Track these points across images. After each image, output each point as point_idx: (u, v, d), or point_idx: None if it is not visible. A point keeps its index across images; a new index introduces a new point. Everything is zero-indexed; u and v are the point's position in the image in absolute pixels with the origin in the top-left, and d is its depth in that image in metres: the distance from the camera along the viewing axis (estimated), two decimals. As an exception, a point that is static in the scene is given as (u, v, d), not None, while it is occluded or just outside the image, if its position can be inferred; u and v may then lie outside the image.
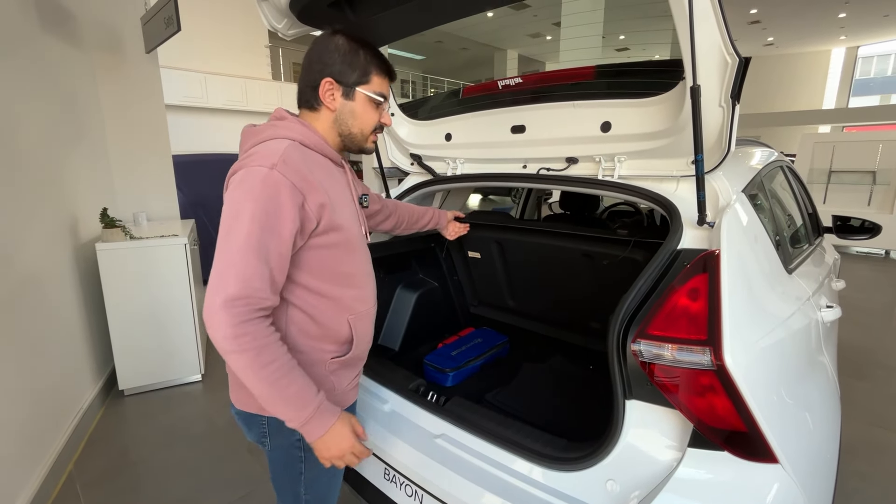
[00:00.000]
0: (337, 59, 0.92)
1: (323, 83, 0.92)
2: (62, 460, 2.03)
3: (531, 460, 1.04)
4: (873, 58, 17.59)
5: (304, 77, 0.95)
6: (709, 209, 1.03)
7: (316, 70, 0.93)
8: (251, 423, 0.98)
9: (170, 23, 2.60)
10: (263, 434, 0.97)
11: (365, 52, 0.94)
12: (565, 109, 1.33)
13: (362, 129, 0.98)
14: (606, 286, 1.66)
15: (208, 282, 0.79)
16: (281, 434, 0.96)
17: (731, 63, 0.92)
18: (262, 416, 0.95)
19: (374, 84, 0.96)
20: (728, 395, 0.83)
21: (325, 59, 0.92)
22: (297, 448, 0.98)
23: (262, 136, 0.88)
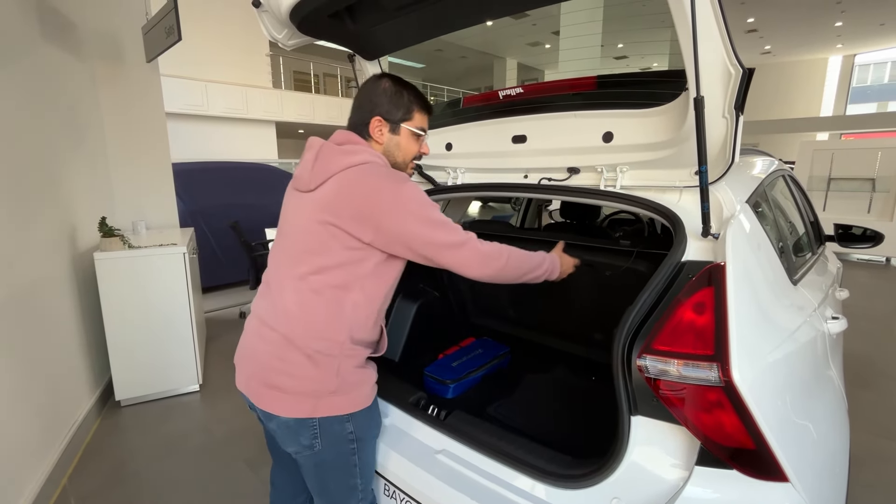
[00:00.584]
0: (385, 100, 1.07)
1: (373, 121, 1.07)
2: (57, 473, 1.99)
3: (535, 477, 1.01)
4: (870, 66, 17.72)
5: (356, 114, 1.09)
6: (713, 220, 1.02)
7: (367, 109, 1.08)
8: (300, 429, 1.00)
9: (170, 32, 2.61)
10: (314, 436, 1.01)
11: (408, 93, 1.09)
12: (566, 119, 1.32)
13: (405, 159, 1.14)
14: (608, 296, 1.64)
15: (455, 259, 1.00)
16: (332, 430, 1.01)
17: (735, 74, 0.91)
18: (312, 419, 1.00)
19: (416, 120, 1.11)
20: (736, 412, 0.81)
21: (374, 100, 1.07)
22: (350, 440, 1.04)
23: (359, 157, 1.01)
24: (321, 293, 0.99)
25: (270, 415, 1.01)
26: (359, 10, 1.24)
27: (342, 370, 1.01)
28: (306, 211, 1.01)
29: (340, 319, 1.00)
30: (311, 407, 0.99)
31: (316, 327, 0.99)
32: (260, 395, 1.02)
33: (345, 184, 0.98)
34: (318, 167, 1.01)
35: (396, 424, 1.27)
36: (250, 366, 1.05)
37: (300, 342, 0.98)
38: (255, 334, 1.06)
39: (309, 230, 1.00)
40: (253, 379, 1.04)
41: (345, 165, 0.99)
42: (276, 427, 1.03)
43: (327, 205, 0.98)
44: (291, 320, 0.99)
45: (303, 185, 1.04)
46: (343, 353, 1.01)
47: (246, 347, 1.08)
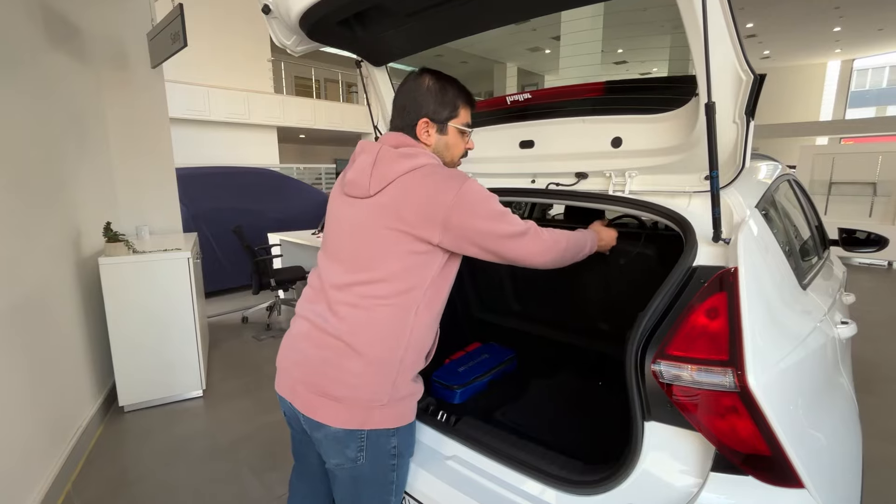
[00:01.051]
0: (430, 99, 1.03)
1: (420, 123, 1.04)
2: (60, 480, 1.98)
3: (547, 483, 1.01)
4: (868, 70, 17.78)
5: (400, 117, 1.06)
6: (723, 225, 1.02)
7: (411, 111, 1.04)
8: (350, 440, 0.98)
9: (176, 38, 2.62)
10: (360, 448, 0.98)
11: (452, 88, 1.05)
12: (574, 125, 1.32)
13: (452, 158, 1.12)
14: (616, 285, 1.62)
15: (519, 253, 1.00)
16: (378, 444, 1.00)
17: (746, 80, 0.92)
18: (362, 430, 0.97)
19: (462, 116, 1.08)
20: (751, 418, 0.80)
21: (419, 100, 1.03)
22: (392, 455, 1.02)
23: (418, 160, 0.99)
24: (387, 299, 0.96)
25: (319, 424, 0.98)
26: (368, 17, 1.24)
27: (398, 381, 0.99)
28: (367, 217, 0.99)
29: (404, 325, 0.98)
30: (362, 418, 0.97)
31: (381, 334, 0.97)
32: (310, 404, 0.99)
33: (409, 187, 0.96)
34: (377, 172, 0.98)
35: (405, 430, 1.27)
36: (299, 371, 1.01)
37: (363, 349, 0.96)
38: (307, 339, 1.02)
39: (372, 237, 0.97)
40: (301, 385, 1.00)
41: (406, 169, 0.97)
42: (323, 437, 0.99)
43: (393, 210, 0.96)
44: (355, 327, 0.96)
45: (359, 191, 1.01)
46: (403, 362, 0.99)
47: (296, 351, 1.04)
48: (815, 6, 9.97)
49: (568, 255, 1.08)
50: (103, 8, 3.08)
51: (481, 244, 0.97)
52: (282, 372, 1.07)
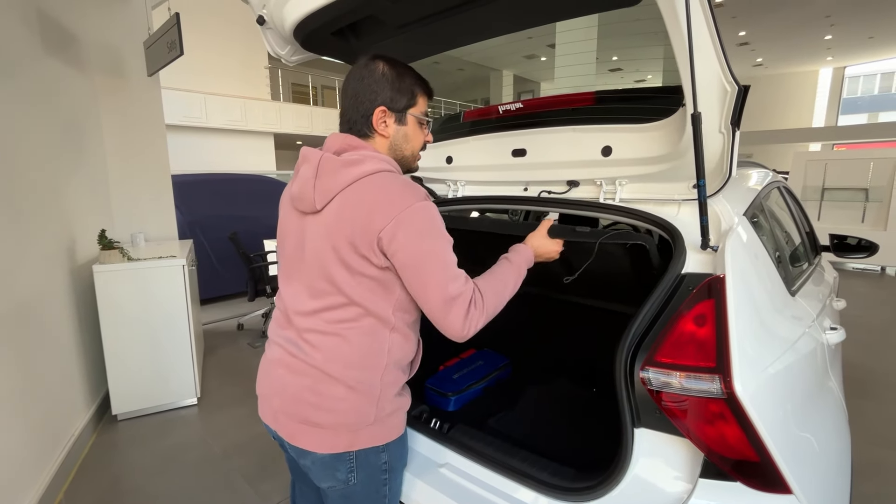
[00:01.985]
0: (386, 86, 0.94)
1: (376, 112, 0.94)
2: (52, 490, 1.97)
3: (538, 490, 1.01)
4: (860, 78, 18.01)
5: (353, 107, 0.95)
6: (711, 233, 1.04)
7: (366, 99, 0.94)
8: (338, 463, 0.94)
9: (172, 47, 2.64)
10: (351, 469, 0.95)
11: (408, 75, 0.97)
12: (566, 134, 1.34)
13: (413, 151, 1.03)
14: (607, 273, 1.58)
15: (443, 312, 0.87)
16: (368, 462, 0.97)
17: (731, 91, 0.94)
18: (349, 452, 0.94)
19: (420, 105, 1.00)
20: (739, 424, 0.81)
21: (374, 88, 0.93)
22: (384, 470, 1.00)
23: (365, 166, 0.89)
24: (356, 321, 0.91)
25: (305, 452, 0.94)
26: (361, 27, 1.27)
27: (382, 399, 0.95)
28: (317, 236, 0.91)
29: (381, 345, 0.93)
30: (349, 440, 0.93)
31: (356, 357, 0.92)
32: (292, 432, 0.95)
33: (353, 202, 0.86)
34: (320, 185, 0.89)
35: (399, 438, 1.27)
36: (279, 400, 0.96)
37: (339, 374, 0.91)
38: (282, 365, 0.97)
39: (326, 258, 0.89)
40: (282, 414, 0.96)
41: (350, 180, 0.87)
42: (311, 464, 0.96)
43: (337, 229, 0.87)
44: (327, 352, 0.91)
45: (306, 206, 0.92)
46: (385, 381, 0.95)
47: (273, 379, 0.99)
48: (806, 15, 10.12)
49: (491, 312, 0.93)
50: (100, 16, 3.10)
51: (411, 275, 0.87)
52: (262, 400, 1.02)
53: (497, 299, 0.94)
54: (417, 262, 0.86)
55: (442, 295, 0.85)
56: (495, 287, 0.95)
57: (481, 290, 0.92)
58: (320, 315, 0.92)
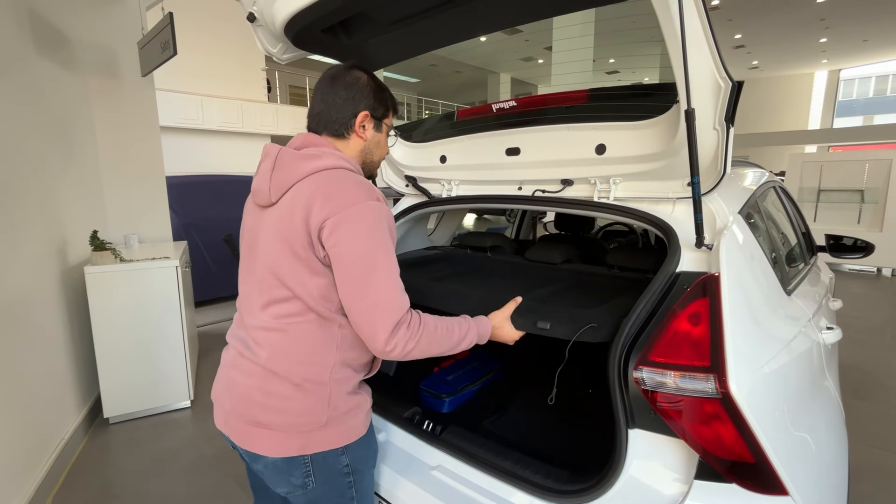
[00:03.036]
0: (370, 94, 0.99)
1: (360, 116, 0.98)
2: (41, 494, 1.94)
3: (531, 493, 0.99)
4: (855, 80, 18.14)
5: (334, 108, 0.97)
6: (706, 231, 1.02)
7: (351, 103, 0.97)
8: (291, 468, 0.91)
9: (166, 47, 2.62)
10: (307, 474, 0.92)
11: (385, 89, 1.03)
12: (559, 132, 1.33)
13: (380, 157, 1.08)
14: None
15: (370, 316, 0.84)
16: (326, 465, 0.93)
17: (725, 87, 0.93)
18: (303, 456, 0.91)
19: (390, 118, 1.07)
20: (734, 424, 0.80)
21: (360, 94, 0.98)
22: (346, 473, 0.96)
23: (323, 161, 0.91)
24: (303, 315, 0.90)
25: (256, 455, 0.92)
26: (353, 24, 1.25)
27: (333, 398, 0.92)
28: (270, 228, 0.91)
29: (328, 341, 0.91)
30: (301, 443, 0.90)
31: (301, 353, 0.90)
32: (243, 435, 0.92)
33: (306, 192, 0.86)
34: (276, 177, 0.90)
35: (391, 440, 1.25)
36: (230, 402, 0.95)
37: (284, 371, 0.89)
38: (233, 367, 0.96)
39: (276, 251, 0.89)
40: (233, 416, 0.94)
41: (306, 172, 0.88)
42: (264, 468, 0.93)
43: (288, 219, 0.87)
44: (272, 349, 0.90)
45: (262, 199, 0.93)
46: (333, 378, 0.92)
47: (223, 382, 0.98)
48: (802, 18, 10.19)
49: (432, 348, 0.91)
50: (93, 16, 3.08)
51: (344, 278, 0.85)
52: (216, 404, 1.00)
53: (434, 340, 0.90)
54: (355, 260, 0.84)
55: (374, 300, 0.84)
56: (438, 327, 0.92)
57: (423, 319, 0.90)
58: (267, 310, 0.92)
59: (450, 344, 0.95)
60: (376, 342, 0.84)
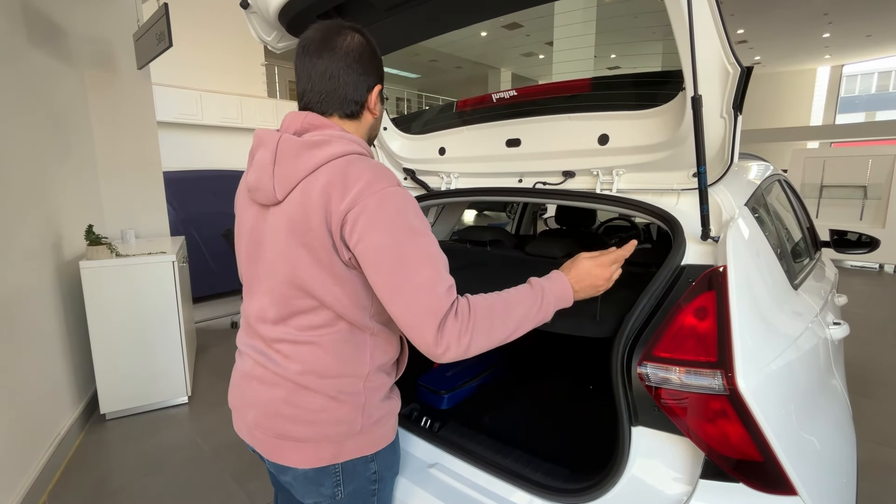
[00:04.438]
0: (377, 63, 0.87)
1: (376, 91, 0.87)
2: (36, 491, 1.92)
3: (531, 492, 0.97)
4: (857, 76, 18.03)
5: (351, 85, 0.83)
6: (712, 223, 0.99)
7: (366, 78, 0.84)
8: (323, 478, 0.86)
9: (161, 38, 2.58)
10: (337, 483, 0.87)
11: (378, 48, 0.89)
12: (561, 122, 1.30)
13: (379, 129, 0.98)
14: None
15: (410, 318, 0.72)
16: (355, 473, 0.88)
17: (733, 73, 0.89)
18: (334, 465, 0.85)
19: None
20: (741, 422, 0.77)
21: (371, 64, 0.85)
22: (373, 481, 0.91)
23: (332, 148, 0.78)
24: (333, 326, 0.81)
25: (284, 468, 0.86)
26: (348, 10, 1.22)
27: (368, 406, 0.86)
28: (280, 231, 0.79)
29: (362, 350, 0.84)
30: (334, 452, 0.84)
31: (337, 366, 0.82)
32: (270, 448, 0.86)
33: (319, 187, 0.75)
34: (280, 173, 0.78)
35: (388, 437, 1.23)
36: (253, 414, 0.88)
37: (320, 386, 0.82)
38: (253, 377, 0.88)
39: (295, 258, 0.78)
40: (258, 429, 0.87)
41: (314, 166, 0.76)
42: (293, 480, 0.87)
43: (303, 222, 0.76)
44: (305, 366, 0.82)
45: (265, 198, 0.81)
46: (368, 386, 0.86)
47: (242, 391, 0.91)
48: (805, 13, 10.10)
49: (495, 332, 0.77)
50: (88, 8, 3.04)
51: (378, 274, 0.73)
52: (236, 413, 0.94)
53: (493, 323, 0.76)
54: (380, 256, 0.72)
55: (409, 299, 0.72)
56: (493, 306, 0.78)
57: (471, 303, 0.76)
58: (290, 322, 0.83)
59: (516, 320, 0.79)
60: (427, 346, 0.72)
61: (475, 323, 0.74)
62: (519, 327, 0.80)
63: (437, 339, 0.71)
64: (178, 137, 8.34)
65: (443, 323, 0.71)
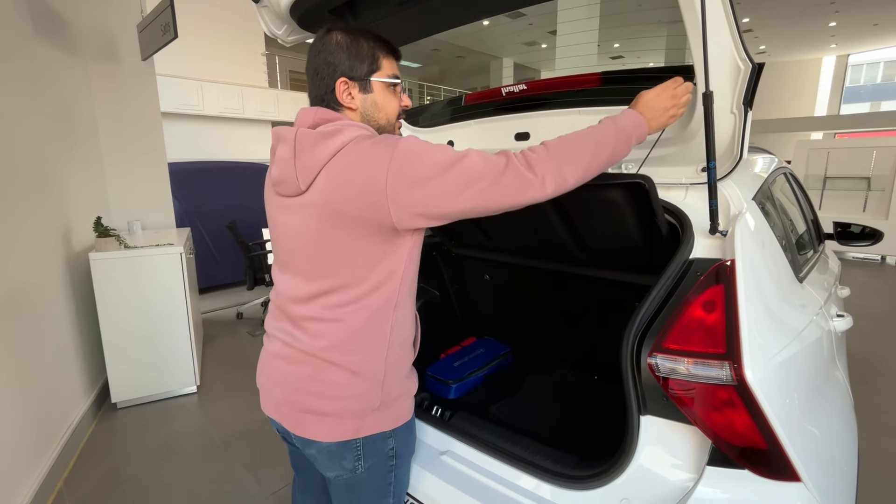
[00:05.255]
0: (342, 55, 0.88)
1: (338, 85, 0.88)
2: (52, 477, 1.96)
3: (542, 478, 1.00)
4: (863, 66, 17.85)
5: (317, 85, 0.90)
6: (720, 217, 1.01)
7: (326, 74, 0.88)
8: (344, 452, 0.92)
9: (166, 30, 2.58)
10: (358, 457, 0.92)
11: (365, 39, 0.90)
12: (570, 116, 1.30)
13: (388, 119, 0.96)
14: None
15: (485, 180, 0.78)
16: (375, 449, 0.94)
17: (744, 69, 0.90)
18: (355, 440, 0.91)
19: (385, 68, 0.92)
20: (748, 412, 0.80)
21: (330, 60, 0.88)
22: (390, 457, 0.97)
23: (343, 136, 0.82)
24: (358, 303, 0.86)
25: (310, 441, 0.92)
26: (360, 4, 1.22)
27: (387, 382, 0.92)
28: (307, 221, 0.85)
29: (384, 324, 0.89)
30: (355, 427, 0.90)
31: (360, 341, 0.88)
32: (295, 422, 0.92)
33: (338, 174, 0.80)
34: (301, 164, 0.83)
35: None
36: (280, 391, 0.94)
37: (343, 361, 0.88)
38: (280, 357, 0.94)
39: (321, 243, 0.84)
40: (284, 405, 0.93)
41: (331, 153, 0.81)
42: (317, 453, 0.93)
43: (328, 207, 0.81)
44: (330, 342, 0.88)
45: (290, 189, 0.86)
46: (389, 362, 0.92)
47: (272, 370, 0.97)
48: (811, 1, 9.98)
49: (581, 167, 0.82)
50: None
51: (444, 209, 0.79)
52: (264, 392, 1.00)
53: (565, 147, 0.82)
54: (435, 184, 0.77)
55: (475, 179, 0.77)
56: (562, 137, 0.84)
57: (537, 145, 0.83)
58: (317, 301, 0.88)
59: (594, 142, 0.84)
60: (528, 199, 0.79)
61: (549, 151, 0.81)
62: (599, 151, 0.85)
63: (522, 180, 0.78)
64: (179, 128, 8.32)
65: (509, 163, 0.79)
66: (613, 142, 0.86)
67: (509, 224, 1.55)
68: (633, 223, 1.18)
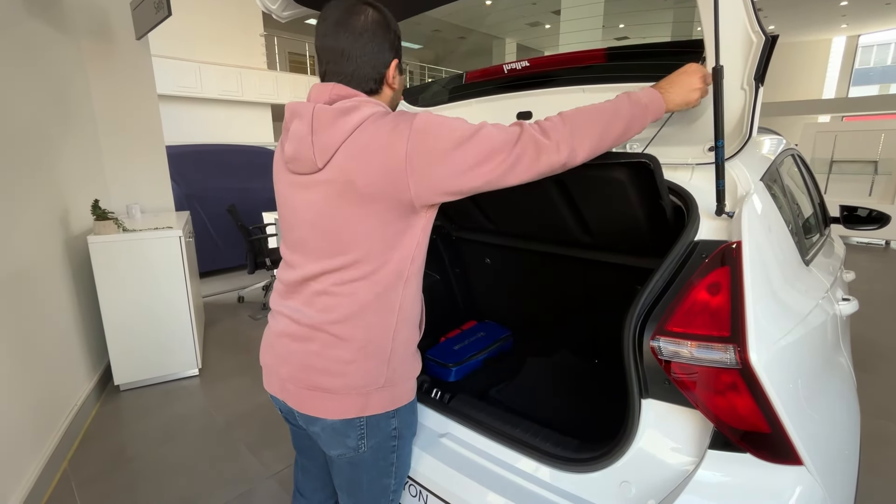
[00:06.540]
0: (392, 36, 0.88)
1: (392, 66, 0.89)
2: (56, 458, 1.99)
3: (541, 461, 1.00)
4: (873, 47, 17.46)
5: (368, 64, 0.86)
6: (727, 198, 0.98)
7: (381, 54, 0.87)
8: (349, 430, 0.92)
9: (160, 7, 2.51)
10: (361, 436, 0.93)
11: (389, 15, 0.90)
12: (574, 94, 1.27)
13: (399, 97, 0.99)
14: None
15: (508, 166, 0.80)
16: (378, 428, 0.94)
17: (757, 42, 0.86)
18: (359, 418, 0.92)
19: None
20: (752, 395, 0.78)
21: (385, 39, 0.87)
22: (393, 437, 0.97)
23: (360, 113, 0.82)
24: (368, 279, 0.86)
25: (315, 419, 0.92)
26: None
27: (394, 361, 0.92)
28: (324, 199, 0.84)
29: (393, 301, 0.89)
30: (360, 405, 0.90)
31: (368, 317, 0.88)
32: (301, 399, 0.92)
33: (358, 150, 0.80)
34: (319, 141, 0.82)
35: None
36: (286, 369, 0.94)
37: (350, 336, 0.88)
38: (287, 335, 0.94)
39: (337, 222, 0.84)
40: (290, 382, 0.93)
41: (350, 129, 0.80)
42: (321, 431, 0.93)
43: (348, 184, 0.81)
44: (338, 316, 0.88)
45: (305, 167, 0.85)
46: (396, 339, 0.92)
47: (278, 348, 0.96)
48: (822, -22, 9.71)
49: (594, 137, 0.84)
50: (84, -25, 2.95)
51: (462, 183, 0.80)
52: (268, 370, 1.00)
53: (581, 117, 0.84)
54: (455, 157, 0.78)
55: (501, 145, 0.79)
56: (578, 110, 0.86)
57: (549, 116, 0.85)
58: (327, 277, 0.88)
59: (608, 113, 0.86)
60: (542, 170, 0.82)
61: (564, 120, 0.84)
62: (613, 121, 0.86)
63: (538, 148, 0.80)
64: (177, 110, 8.23)
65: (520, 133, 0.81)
66: (627, 115, 0.87)
67: (511, 206, 1.53)
68: (636, 204, 1.16)
